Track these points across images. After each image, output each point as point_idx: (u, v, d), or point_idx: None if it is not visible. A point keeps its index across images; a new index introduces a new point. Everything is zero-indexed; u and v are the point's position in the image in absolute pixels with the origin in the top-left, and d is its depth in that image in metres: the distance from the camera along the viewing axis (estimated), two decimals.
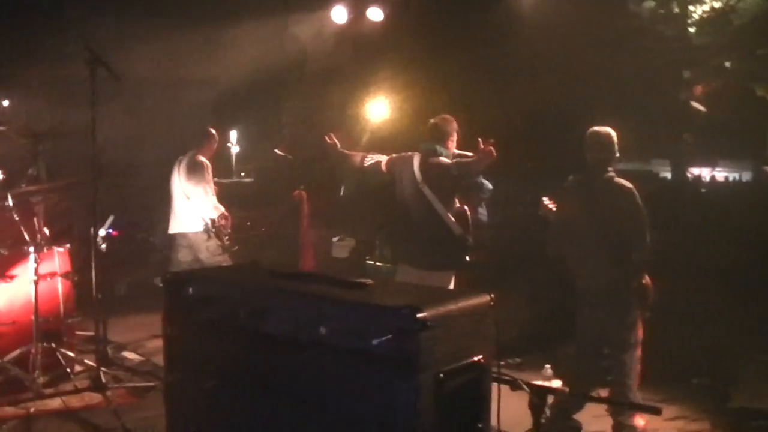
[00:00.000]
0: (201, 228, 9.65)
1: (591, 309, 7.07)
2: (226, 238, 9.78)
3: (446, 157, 7.26)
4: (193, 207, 9.66)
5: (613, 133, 6.98)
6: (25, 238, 7.54)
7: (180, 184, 9.78)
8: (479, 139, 6.91)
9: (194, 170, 9.69)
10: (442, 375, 3.36)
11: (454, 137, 7.41)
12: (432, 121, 7.50)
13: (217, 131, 10.10)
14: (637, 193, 6.84)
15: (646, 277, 7.05)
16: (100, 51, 7.39)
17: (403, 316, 3.28)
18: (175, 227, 9.91)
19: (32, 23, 12.09)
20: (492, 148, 6.92)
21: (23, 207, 7.71)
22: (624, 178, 6.98)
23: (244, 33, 14.15)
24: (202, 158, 9.79)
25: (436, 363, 3.34)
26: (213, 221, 9.64)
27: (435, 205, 7.15)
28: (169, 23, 15.18)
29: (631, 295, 6.84)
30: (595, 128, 7.02)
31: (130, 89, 14.00)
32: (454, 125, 7.44)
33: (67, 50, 12.87)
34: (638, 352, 7.01)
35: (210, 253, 9.66)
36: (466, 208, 7.35)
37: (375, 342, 3.37)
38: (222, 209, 9.72)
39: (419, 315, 3.25)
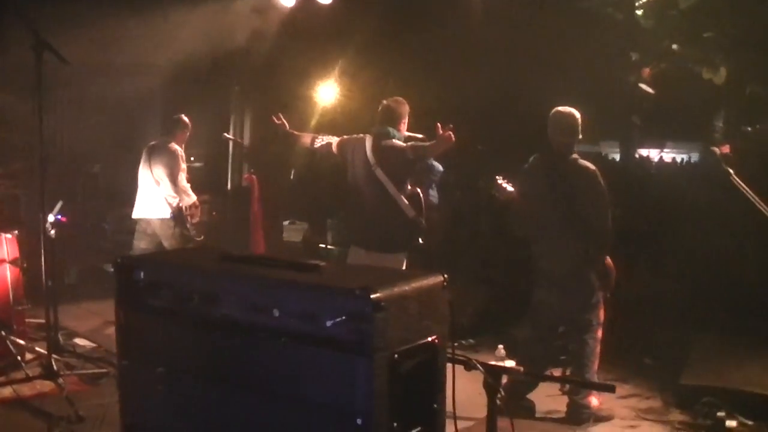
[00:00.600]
0: (167, 214, 9.59)
1: (550, 289, 7.12)
2: (192, 227, 9.75)
3: (398, 139, 7.25)
4: (162, 193, 9.60)
5: (578, 115, 7.00)
6: None
7: (150, 170, 9.71)
8: (438, 123, 6.90)
9: (167, 157, 9.65)
10: (396, 356, 3.35)
11: (406, 119, 7.40)
12: (384, 102, 7.48)
13: (180, 117, 10.02)
14: (599, 175, 6.90)
15: (608, 258, 7.13)
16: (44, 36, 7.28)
17: (357, 297, 3.27)
18: (139, 212, 9.84)
19: None
20: (451, 133, 6.92)
21: None
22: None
23: (191, 17, 14.03)
24: (175, 145, 9.75)
25: (391, 344, 3.34)
26: (181, 209, 9.59)
27: (388, 187, 7.14)
28: (113, 8, 15.01)
29: (595, 276, 6.91)
30: (560, 109, 7.04)
31: (74, 75, 13.89)
32: (406, 107, 7.43)
33: (7, 35, 12.70)
34: (600, 333, 7.09)
35: (175, 240, 9.61)
36: (418, 190, 7.36)
37: (328, 324, 3.36)
38: (194, 198, 9.69)
39: (373, 296, 3.24)
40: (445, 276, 3.70)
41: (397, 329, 3.37)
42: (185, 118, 10.02)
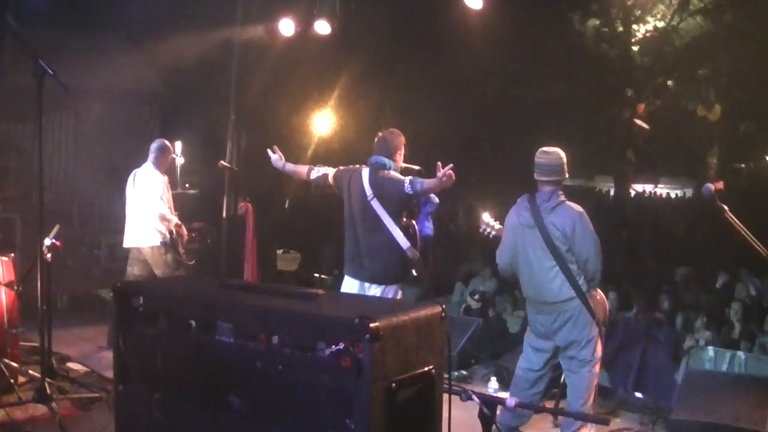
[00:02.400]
0: (157, 242, 9.58)
1: (536, 323, 7.14)
2: (183, 251, 9.74)
3: (394, 170, 7.26)
4: (149, 220, 9.59)
5: (563, 154, 7.01)
6: None
7: (135, 197, 9.70)
8: (438, 163, 6.91)
9: (150, 183, 9.63)
10: (393, 384, 3.38)
11: (402, 151, 7.40)
12: (380, 134, 7.49)
13: (161, 141, 10.04)
14: (585, 214, 6.93)
15: (600, 293, 7.15)
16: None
17: (356, 326, 3.30)
18: (130, 241, 9.81)
19: None
20: (451, 172, 6.94)
21: None
22: (570, 197, 7.06)
23: (190, 45, 14.11)
24: (158, 171, 9.74)
25: (388, 373, 3.37)
26: (171, 233, 9.58)
27: (383, 219, 7.12)
28: (111, 35, 15.08)
29: (589, 312, 6.92)
30: (545, 149, 7.04)
31: (71, 102, 13.93)
32: (402, 139, 7.43)
33: (3, 62, 12.75)
34: (597, 367, 7.10)
35: (167, 267, 9.60)
36: (413, 222, 7.36)
37: (327, 352, 3.39)
38: (175, 220, 9.68)
39: (371, 325, 3.27)
40: (443, 307, 3.73)
41: (395, 359, 3.40)
42: (166, 143, 10.01)
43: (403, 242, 7.11)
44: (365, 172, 7.27)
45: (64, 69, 7.55)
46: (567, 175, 7.07)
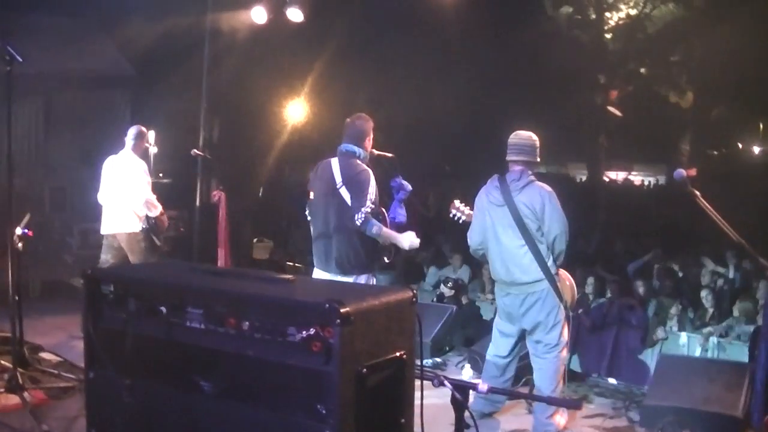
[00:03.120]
0: (137, 228, 9.53)
1: (503, 306, 7.17)
2: (161, 238, 9.72)
3: (363, 158, 7.21)
4: (128, 206, 9.54)
5: (535, 137, 7.05)
6: None
7: (116, 183, 9.64)
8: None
9: (132, 170, 9.57)
10: (364, 369, 3.38)
11: (371, 136, 7.35)
12: (348, 120, 7.45)
13: (137, 127, 9.99)
14: (554, 194, 6.96)
15: (569, 276, 7.19)
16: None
17: (326, 310, 3.29)
18: (108, 228, 9.75)
19: None
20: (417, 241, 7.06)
21: None
22: (543, 181, 7.09)
23: (162, 30, 14.03)
24: (137, 156, 9.69)
25: (358, 357, 3.36)
26: (150, 219, 9.54)
27: (353, 206, 7.09)
28: (81, 20, 14.96)
29: (556, 295, 6.95)
30: (518, 132, 7.08)
31: (42, 86, 13.82)
32: (370, 124, 7.37)
33: None
34: (564, 352, 7.13)
35: (142, 254, 9.55)
36: (383, 209, 7.32)
37: (297, 337, 3.39)
38: (160, 207, 9.64)
39: (341, 310, 3.26)
40: (414, 292, 3.73)
41: (365, 343, 3.39)
42: (143, 129, 9.96)
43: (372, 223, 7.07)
44: (335, 161, 7.23)
45: (33, 54, 7.48)
46: (538, 159, 7.10)
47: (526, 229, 6.87)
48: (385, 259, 7.33)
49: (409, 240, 7.06)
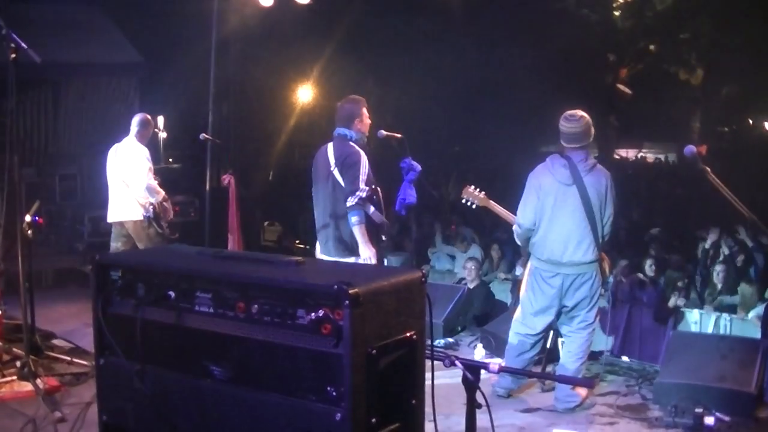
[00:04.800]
0: (140, 216, 9.55)
1: (547, 285, 7.15)
2: (166, 225, 9.72)
3: (356, 140, 7.20)
4: (133, 194, 9.55)
5: (586, 117, 7.02)
6: None
7: (118, 171, 9.65)
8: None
9: (134, 157, 9.59)
10: (374, 351, 3.36)
11: (363, 117, 7.31)
12: (339, 103, 7.45)
13: (142, 114, 9.99)
14: (611, 179, 7.04)
15: (605, 256, 7.26)
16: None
17: (335, 292, 3.28)
18: (113, 216, 9.78)
19: None
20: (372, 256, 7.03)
21: None
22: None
23: (168, 16, 14.02)
24: (141, 144, 9.69)
25: (369, 339, 3.35)
26: (154, 206, 9.55)
27: (345, 189, 7.09)
28: (86, 8, 14.98)
29: (601, 274, 7.02)
30: (568, 115, 7.06)
31: (51, 75, 13.83)
32: (361, 104, 7.34)
33: None
34: (593, 331, 7.19)
35: (150, 241, 9.58)
36: (377, 189, 7.31)
37: (307, 319, 3.37)
38: (163, 193, 9.65)
39: (351, 291, 3.25)
40: (423, 272, 3.71)
41: (375, 324, 3.38)
42: (148, 116, 9.96)
43: (367, 208, 7.07)
44: (330, 145, 7.26)
45: (40, 43, 7.49)
46: (593, 134, 7.12)
47: (591, 210, 6.91)
48: (383, 237, 7.35)
49: (367, 254, 7.01)
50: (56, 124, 15.08)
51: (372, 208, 7.07)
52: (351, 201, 6.89)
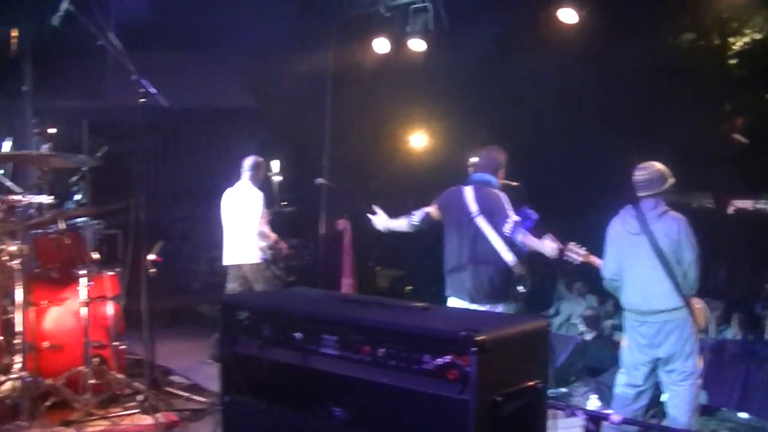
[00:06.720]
0: (258, 259, 9.68)
1: (637, 335, 7.08)
2: (281, 267, 9.84)
3: (498, 188, 7.24)
4: (248, 237, 9.70)
5: (659, 165, 7.00)
6: (73, 262, 7.65)
7: (236, 214, 9.82)
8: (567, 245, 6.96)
9: (250, 201, 9.75)
10: (499, 398, 3.38)
11: (504, 168, 7.39)
12: (482, 151, 7.47)
13: (254, 158, 10.16)
14: (688, 223, 6.92)
15: (700, 302, 7.12)
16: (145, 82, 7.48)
17: (462, 339, 3.31)
18: (230, 258, 9.92)
19: (73, 57, 12.27)
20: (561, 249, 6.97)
21: (71, 231, 7.83)
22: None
23: (284, 60, 14.25)
24: (254, 187, 9.84)
25: (494, 386, 3.37)
26: (268, 250, 9.68)
27: (488, 234, 7.08)
28: (205, 55, 15.33)
29: (692, 322, 6.91)
30: (641, 166, 7.04)
31: (171, 120, 14.21)
32: (504, 156, 7.42)
33: (105, 84, 13.10)
34: (700, 381, 7.04)
35: (267, 282, 9.70)
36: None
37: (432, 365, 3.41)
38: (274, 236, 9.77)
39: (478, 338, 3.27)
40: (548, 321, 3.72)
41: (500, 371, 3.40)
42: (261, 159, 10.11)
43: (508, 257, 7.08)
44: (467, 189, 7.25)
45: (162, 88, 7.74)
46: (668, 183, 7.03)
47: (665, 256, 6.83)
48: (521, 288, 7.30)
49: (550, 246, 6.98)
50: (175, 165, 15.46)
51: (514, 258, 7.08)
52: (509, 228, 6.91)
